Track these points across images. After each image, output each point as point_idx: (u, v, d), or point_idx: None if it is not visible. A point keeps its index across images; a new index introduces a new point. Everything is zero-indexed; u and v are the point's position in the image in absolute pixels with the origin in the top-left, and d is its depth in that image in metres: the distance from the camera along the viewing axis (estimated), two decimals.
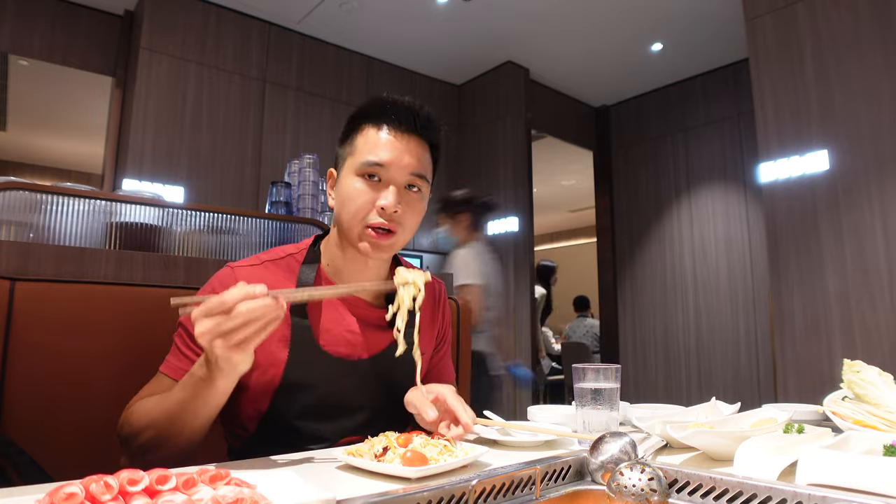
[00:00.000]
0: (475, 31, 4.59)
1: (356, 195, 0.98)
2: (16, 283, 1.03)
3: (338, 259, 1.05)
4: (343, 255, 1.04)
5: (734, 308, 4.79)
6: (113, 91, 4.06)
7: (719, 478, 0.70)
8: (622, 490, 0.68)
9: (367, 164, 0.97)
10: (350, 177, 0.99)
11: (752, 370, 4.62)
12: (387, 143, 0.98)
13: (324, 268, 1.06)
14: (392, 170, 0.98)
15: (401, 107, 1.01)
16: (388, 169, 0.98)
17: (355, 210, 0.97)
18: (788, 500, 0.64)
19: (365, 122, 1.01)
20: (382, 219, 0.97)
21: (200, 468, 0.59)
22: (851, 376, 0.96)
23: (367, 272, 1.06)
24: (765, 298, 4.55)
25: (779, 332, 3.18)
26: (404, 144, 0.99)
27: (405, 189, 1.00)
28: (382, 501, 0.61)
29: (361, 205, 0.97)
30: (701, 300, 4.99)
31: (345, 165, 1.02)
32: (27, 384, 1.02)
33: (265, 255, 1.05)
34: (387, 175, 0.98)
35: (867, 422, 0.89)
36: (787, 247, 3.18)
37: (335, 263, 1.05)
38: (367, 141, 0.99)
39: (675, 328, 5.14)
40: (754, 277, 4.69)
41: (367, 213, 0.97)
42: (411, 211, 1.00)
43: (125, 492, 0.51)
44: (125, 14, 4.12)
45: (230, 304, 0.70)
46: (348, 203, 0.98)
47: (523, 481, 0.75)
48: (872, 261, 2.87)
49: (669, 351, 5.15)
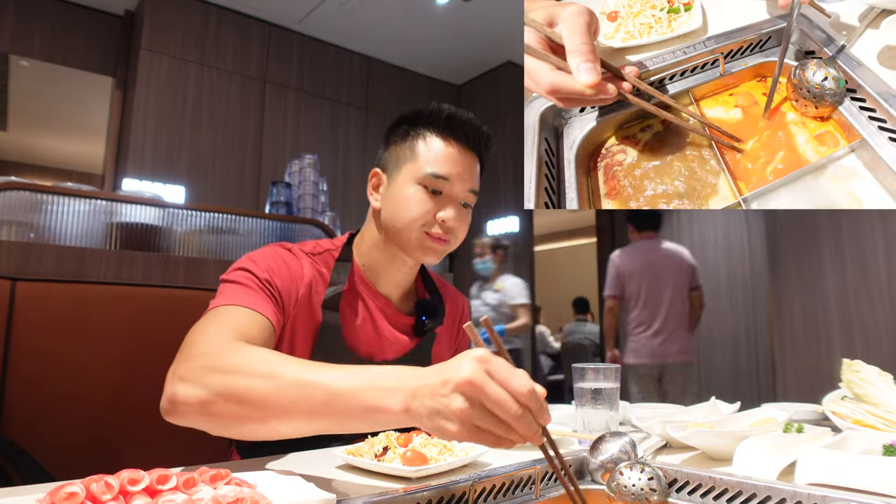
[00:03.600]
0: (475, 31, 4.59)
1: (417, 204, 0.98)
2: (16, 283, 1.03)
3: (375, 260, 1.06)
4: (382, 256, 1.05)
5: (734, 308, 4.78)
6: (113, 91, 4.07)
7: (719, 477, 0.70)
8: (622, 490, 0.68)
9: (433, 177, 0.98)
10: (409, 184, 1.00)
11: (752, 370, 4.62)
12: (453, 158, 0.99)
13: (358, 266, 1.07)
14: (456, 186, 0.99)
15: (465, 121, 1.02)
16: (452, 184, 0.99)
17: (415, 217, 0.98)
18: (788, 500, 0.64)
19: (429, 129, 1.01)
20: (441, 230, 0.99)
21: (200, 468, 0.59)
22: (850, 376, 0.96)
23: (402, 274, 1.07)
24: (764, 298, 4.55)
25: (778, 332, 3.18)
26: (467, 161, 1.01)
27: (460, 204, 1.02)
28: (382, 501, 0.61)
29: (422, 214, 0.98)
30: None
31: (402, 170, 1.01)
32: (27, 384, 1.03)
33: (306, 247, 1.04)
34: (450, 190, 0.99)
35: (866, 421, 0.89)
36: (786, 246, 3.18)
37: (371, 264, 1.06)
38: (430, 151, 1.00)
39: None
40: (754, 277, 4.68)
41: (425, 221, 0.99)
42: (463, 225, 1.03)
43: (126, 491, 0.51)
44: (125, 14, 4.12)
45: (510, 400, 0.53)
46: (407, 210, 0.99)
47: (523, 481, 0.75)
48: (872, 261, 2.87)
49: None
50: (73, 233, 1.75)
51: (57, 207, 1.72)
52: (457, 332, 1.21)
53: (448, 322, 1.17)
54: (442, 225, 0.99)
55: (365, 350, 1.02)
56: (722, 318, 4.83)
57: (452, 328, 1.19)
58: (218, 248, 2.09)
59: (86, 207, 1.79)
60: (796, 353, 3.08)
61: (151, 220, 1.94)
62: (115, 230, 1.84)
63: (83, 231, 1.77)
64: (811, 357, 3.02)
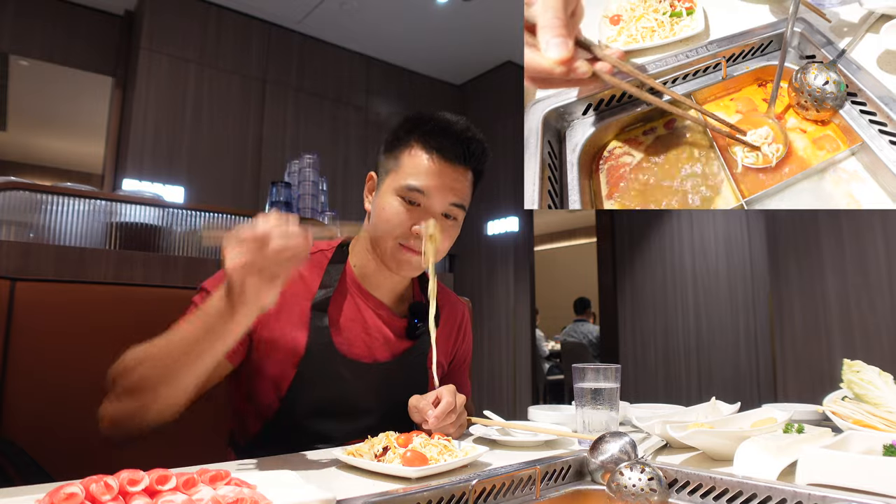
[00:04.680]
0: (475, 30, 4.59)
1: (393, 216, 0.98)
2: (16, 283, 1.03)
3: (367, 263, 1.06)
4: (374, 261, 1.05)
5: (734, 308, 4.79)
6: (113, 91, 4.06)
7: (719, 478, 0.70)
8: (622, 490, 0.68)
9: (409, 189, 0.97)
10: (389, 194, 0.99)
11: (752, 370, 4.62)
12: (433, 171, 0.98)
13: (352, 268, 1.07)
14: (433, 199, 0.98)
15: (454, 133, 0.99)
16: (429, 197, 0.98)
17: (389, 229, 0.98)
18: (788, 500, 0.64)
19: (414, 140, 1.00)
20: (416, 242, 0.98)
21: (200, 468, 0.59)
22: (851, 376, 0.96)
23: (392, 280, 1.07)
24: (765, 298, 4.55)
25: (779, 332, 3.18)
26: (450, 174, 0.99)
27: (441, 216, 1.00)
28: (382, 501, 0.61)
29: (397, 225, 0.98)
30: (701, 300, 4.99)
31: (386, 180, 1.01)
32: (27, 384, 1.03)
33: None
34: (427, 202, 0.98)
35: (867, 422, 0.89)
36: (786, 247, 3.18)
37: (364, 267, 1.07)
38: (413, 163, 0.99)
39: (675, 328, 5.14)
40: (754, 277, 4.69)
41: (400, 233, 0.98)
42: (444, 237, 1.00)
43: (125, 492, 0.51)
44: (125, 14, 4.12)
45: (263, 234, 0.68)
46: (383, 222, 0.99)
47: (523, 481, 0.75)
48: (872, 261, 2.87)
49: (669, 351, 5.15)
50: (73, 233, 1.75)
51: (57, 207, 1.72)
52: (455, 338, 1.20)
53: (447, 327, 1.16)
54: (417, 237, 0.97)
55: (353, 351, 1.01)
56: (722, 318, 4.83)
57: (451, 333, 1.18)
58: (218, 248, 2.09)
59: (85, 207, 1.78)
60: (796, 353, 3.08)
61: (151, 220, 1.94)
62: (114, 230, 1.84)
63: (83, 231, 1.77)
64: (811, 357, 3.02)
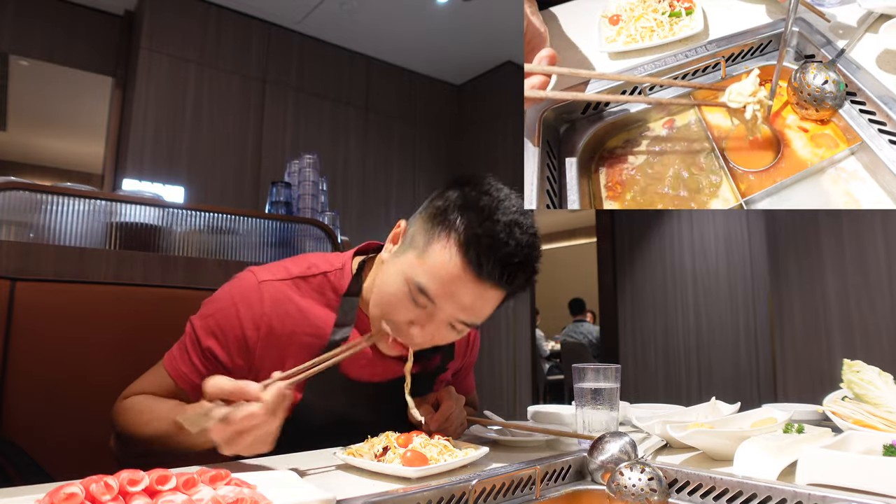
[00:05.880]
0: (475, 31, 4.59)
1: (393, 303, 0.85)
2: (16, 283, 1.03)
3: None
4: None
5: (734, 308, 4.78)
6: (113, 91, 4.06)
7: (719, 478, 0.70)
8: (622, 490, 0.68)
9: (419, 288, 0.82)
10: (400, 274, 0.85)
11: (752, 370, 4.62)
12: (455, 280, 0.81)
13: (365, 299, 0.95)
14: (441, 310, 0.83)
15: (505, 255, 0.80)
16: (437, 307, 0.83)
17: (385, 312, 0.87)
18: (788, 500, 0.64)
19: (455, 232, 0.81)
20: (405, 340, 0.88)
21: (200, 468, 0.59)
22: (851, 376, 0.96)
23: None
24: (765, 298, 4.55)
25: (779, 332, 3.18)
26: (474, 291, 0.82)
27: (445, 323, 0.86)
28: (382, 501, 0.61)
29: (391, 313, 0.86)
30: (701, 300, 4.99)
31: (407, 254, 0.86)
32: (27, 384, 1.03)
33: (295, 268, 0.95)
34: (433, 309, 0.84)
35: (867, 422, 0.89)
36: (786, 247, 3.18)
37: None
38: (440, 259, 0.81)
39: (675, 328, 5.13)
40: (754, 277, 4.69)
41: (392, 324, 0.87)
42: (439, 339, 0.89)
43: (125, 492, 0.51)
44: (125, 14, 4.12)
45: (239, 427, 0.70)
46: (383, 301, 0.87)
47: (523, 481, 0.75)
48: (872, 261, 2.87)
49: (669, 351, 5.15)
50: (73, 233, 1.75)
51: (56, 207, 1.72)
52: (465, 353, 1.16)
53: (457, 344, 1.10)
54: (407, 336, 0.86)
55: (357, 373, 0.97)
56: (722, 318, 4.83)
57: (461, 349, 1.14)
58: (218, 248, 2.09)
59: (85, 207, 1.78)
60: (796, 353, 3.08)
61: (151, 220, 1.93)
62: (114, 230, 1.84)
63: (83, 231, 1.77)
64: (811, 357, 3.02)
